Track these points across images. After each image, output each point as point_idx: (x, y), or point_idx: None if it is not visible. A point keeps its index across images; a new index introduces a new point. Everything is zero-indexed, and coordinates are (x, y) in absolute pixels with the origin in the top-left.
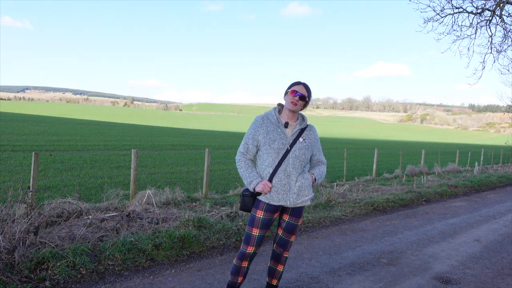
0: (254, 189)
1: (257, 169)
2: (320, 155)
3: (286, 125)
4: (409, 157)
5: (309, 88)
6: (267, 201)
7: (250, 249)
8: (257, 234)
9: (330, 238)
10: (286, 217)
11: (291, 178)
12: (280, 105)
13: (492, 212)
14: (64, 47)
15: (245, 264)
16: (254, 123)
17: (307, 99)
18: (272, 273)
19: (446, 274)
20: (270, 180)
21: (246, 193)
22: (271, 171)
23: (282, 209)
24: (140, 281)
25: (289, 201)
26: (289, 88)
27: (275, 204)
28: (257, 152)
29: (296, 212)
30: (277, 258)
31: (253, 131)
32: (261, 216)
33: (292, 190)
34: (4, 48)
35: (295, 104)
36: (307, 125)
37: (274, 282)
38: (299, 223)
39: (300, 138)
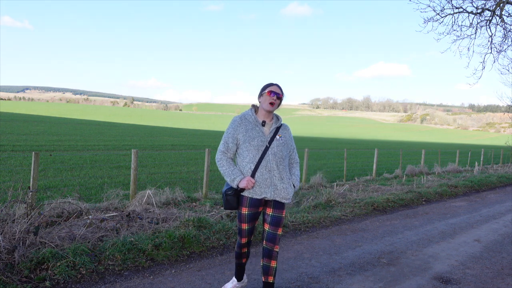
0: (238, 186)
1: (237, 166)
2: (295, 154)
3: (264, 123)
4: (409, 157)
5: (282, 89)
6: (250, 196)
7: (244, 240)
8: (247, 227)
9: (330, 238)
10: (269, 211)
11: (272, 174)
12: (254, 106)
13: (492, 212)
14: (64, 47)
15: (244, 250)
16: (233, 123)
17: (282, 98)
18: (267, 270)
19: (446, 274)
20: (253, 175)
21: (229, 192)
22: (252, 167)
23: (265, 204)
24: (140, 281)
25: (270, 194)
26: (263, 90)
27: (257, 197)
28: (236, 151)
29: (278, 204)
30: (268, 254)
31: (233, 130)
32: (246, 212)
33: (273, 184)
34: (4, 48)
35: (273, 104)
36: (282, 124)
37: (271, 279)
38: (283, 215)
39: (277, 136)
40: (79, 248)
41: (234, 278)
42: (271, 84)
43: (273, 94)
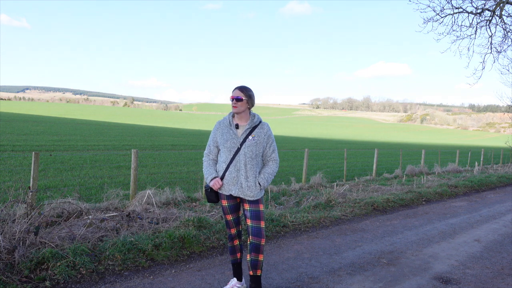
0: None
1: (217, 165)
2: (272, 152)
3: (237, 126)
4: (409, 157)
5: (244, 89)
6: (220, 192)
7: (233, 231)
8: (231, 218)
9: (330, 238)
10: (247, 206)
11: (240, 173)
12: None
13: (492, 212)
14: (64, 47)
15: (236, 242)
16: (214, 128)
17: (243, 99)
18: (255, 264)
19: (446, 274)
20: (224, 173)
21: (207, 188)
22: (224, 167)
23: (241, 200)
24: (140, 281)
25: (235, 191)
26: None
27: (225, 194)
28: (218, 152)
29: (251, 199)
30: (256, 248)
31: (213, 134)
32: (226, 204)
33: (239, 182)
34: (2, 47)
35: (235, 107)
36: (260, 123)
37: (259, 272)
38: (260, 209)
39: (250, 136)
40: (79, 248)
41: (234, 278)
42: (234, 89)
43: (233, 98)
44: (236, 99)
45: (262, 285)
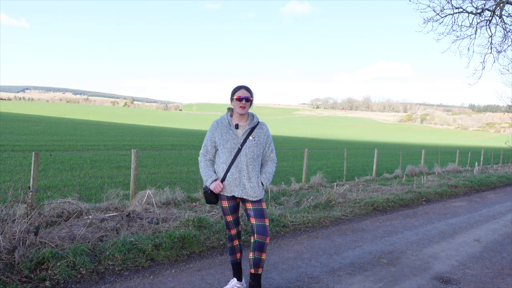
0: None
1: (215, 166)
2: (271, 152)
3: (237, 126)
4: (409, 157)
5: (250, 90)
6: (222, 193)
7: (233, 231)
8: (231, 219)
9: (330, 238)
10: (249, 205)
11: (242, 174)
12: (230, 109)
13: (492, 212)
14: (63, 47)
15: (236, 243)
16: (211, 127)
17: (251, 99)
18: (257, 263)
19: (446, 274)
20: (225, 174)
21: (206, 190)
22: (225, 168)
23: (242, 200)
24: (140, 281)
25: (238, 193)
26: (233, 94)
27: (227, 195)
28: (216, 152)
29: (255, 199)
30: (260, 247)
31: (211, 134)
32: (227, 205)
33: (241, 183)
34: (2, 47)
35: (244, 108)
36: (258, 123)
37: (260, 271)
38: (263, 206)
39: (250, 137)
40: (79, 248)
41: (234, 278)
42: (239, 88)
43: (241, 98)
44: (246, 100)
45: (262, 285)
